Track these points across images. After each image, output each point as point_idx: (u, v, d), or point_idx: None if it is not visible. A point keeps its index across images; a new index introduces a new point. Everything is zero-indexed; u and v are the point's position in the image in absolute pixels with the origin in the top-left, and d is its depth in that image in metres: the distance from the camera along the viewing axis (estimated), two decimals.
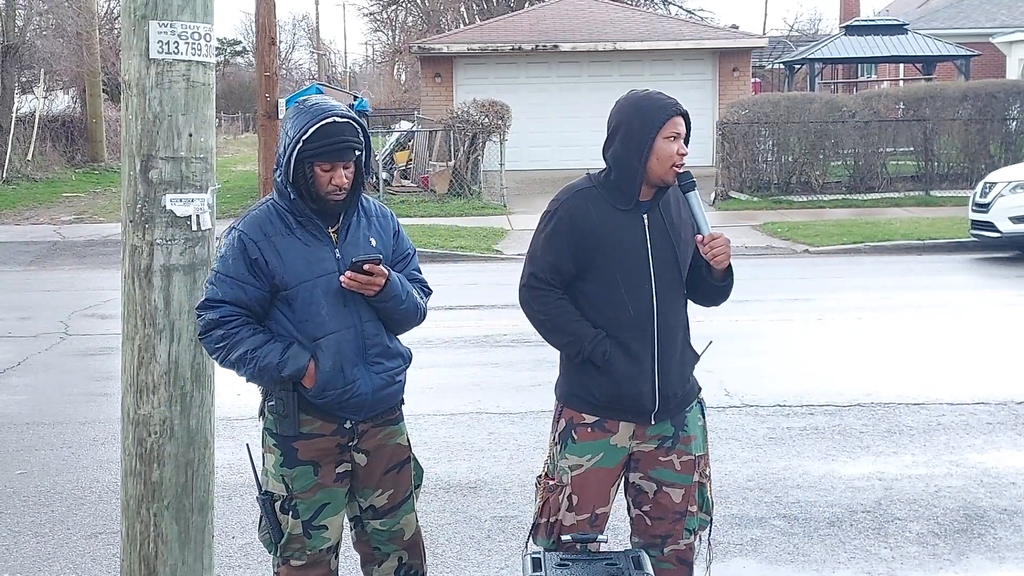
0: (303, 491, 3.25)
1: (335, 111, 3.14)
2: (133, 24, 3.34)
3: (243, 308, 3.18)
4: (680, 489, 3.25)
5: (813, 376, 7.56)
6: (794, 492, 5.34)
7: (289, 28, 69.82)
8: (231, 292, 3.17)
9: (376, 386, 3.25)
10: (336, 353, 3.18)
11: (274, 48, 17.59)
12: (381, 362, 3.27)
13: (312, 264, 3.18)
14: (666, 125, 3.12)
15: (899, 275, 12.16)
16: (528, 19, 26.45)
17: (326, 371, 3.17)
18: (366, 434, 3.31)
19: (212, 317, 3.17)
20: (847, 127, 18.70)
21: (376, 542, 3.43)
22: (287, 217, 3.21)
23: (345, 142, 3.11)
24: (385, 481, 3.36)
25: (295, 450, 3.24)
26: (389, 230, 3.38)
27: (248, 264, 3.16)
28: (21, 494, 5.57)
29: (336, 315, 3.19)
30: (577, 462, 3.22)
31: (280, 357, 3.13)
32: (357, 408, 3.24)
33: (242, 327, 3.17)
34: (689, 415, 3.31)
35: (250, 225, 3.21)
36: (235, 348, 3.15)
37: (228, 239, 3.21)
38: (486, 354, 8.48)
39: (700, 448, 3.31)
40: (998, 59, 27.32)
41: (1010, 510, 5.03)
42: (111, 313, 10.17)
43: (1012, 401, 6.81)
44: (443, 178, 19.36)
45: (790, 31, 47.22)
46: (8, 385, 7.87)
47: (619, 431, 3.21)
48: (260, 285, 3.17)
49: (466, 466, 5.81)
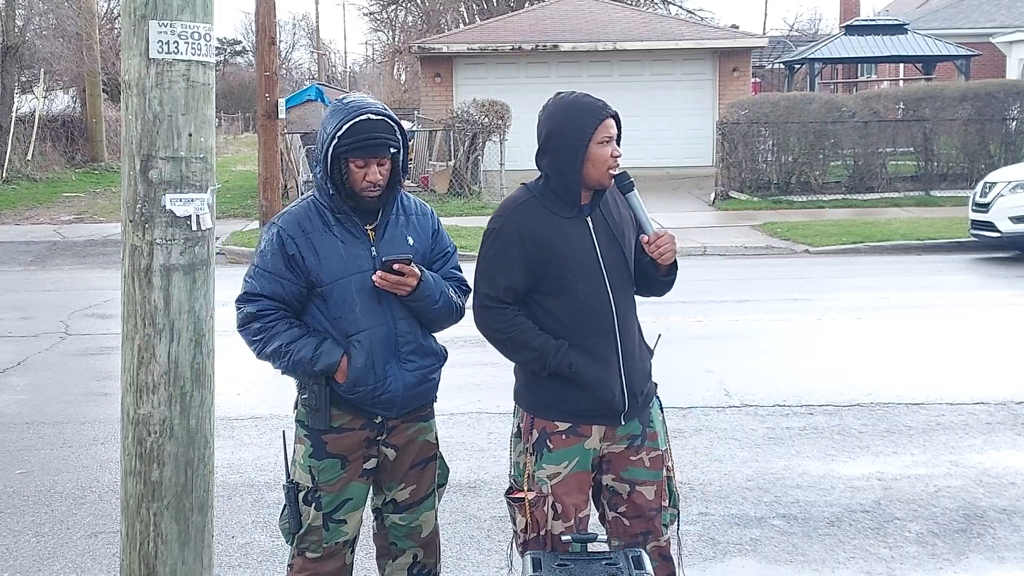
0: (328, 484, 3.31)
1: (370, 108, 3.20)
2: (133, 24, 3.34)
3: (280, 302, 3.27)
4: (652, 486, 3.28)
5: (813, 376, 7.57)
6: (793, 492, 5.35)
7: (289, 28, 69.90)
8: (269, 286, 3.26)
9: (408, 383, 3.30)
10: (369, 350, 3.24)
11: (274, 48, 17.59)
12: (414, 360, 3.32)
13: (347, 262, 3.24)
14: (598, 130, 3.14)
15: (899, 275, 12.16)
16: (528, 19, 26.46)
17: (358, 367, 3.23)
18: (395, 429, 3.36)
19: (250, 311, 3.27)
20: (847, 127, 18.71)
21: (393, 536, 3.48)
22: (326, 214, 3.28)
23: (378, 138, 3.17)
24: (409, 476, 3.41)
25: (324, 443, 3.30)
26: (428, 228, 3.43)
27: (286, 260, 3.25)
28: (21, 493, 5.57)
29: (370, 312, 3.24)
30: (555, 470, 3.22)
31: (313, 352, 3.20)
32: (389, 405, 3.30)
33: (278, 321, 3.26)
34: (652, 411, 3.34)
35: (289, 221, 3.29)
36: (271, 341, 3.24)
37: (268, 235, 3.30)
38: (486, 354, 8.43)
39: (664, 442, 3.34)
40: (998, 59, 27.32)
41: (1009, 510, 5.04)
42: (111, 313, 10.18)
43: (1011, 401, 6.81)
44: (443, 178, 19.37)
45: (790, 31, 47.24)
46: (8, 385, 7.87)
47: (592, 434, 3.24)
48: (297, 281, 3.26)
49: (466, 466, 5.82)
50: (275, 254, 3.26)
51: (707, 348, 8.49)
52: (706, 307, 10.13)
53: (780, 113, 18.74)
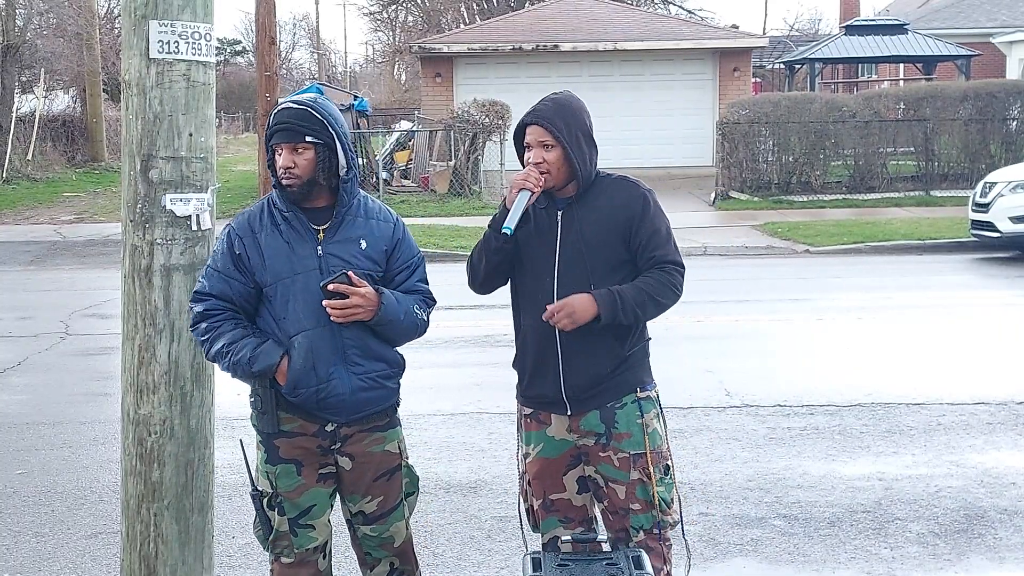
0: (287, 490, 3.28)
1: (296, 99, 3.24)
2: (133, 24, 3.34)
3: (228, 302, 3.24)
4: (622, 486, 3.29)
5: (813, 376, 7.56)
6: (794, 492, 5.34)
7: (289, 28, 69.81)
8: (217, 286, 3.24)
9: (355, 387, 3.23)
10: (308, 351, 3.18)
11: (274, 48, 17.59)
12: (361, 363, 3.25)
13: (292, 261, 3.21)
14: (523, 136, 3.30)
15: (899, 275, 12.16)
16: (528, 19, 26.45)
17: (297, 368, 3.18)
18: (350, 439, 3.30)
19: (199, 310, 3.25)
20: (847, 127, 18.70)
21: (367, 547, 3.46)
22: (275, 214, 3.26)
23: (288, 124, 3.17)
24: (375, 488, 3.36)
25: (277, 448, 3.28)
26: (387, 234, 3.33)
27: (233, 259, 3.23)
28: (21, 494, 5.57)
29: (312, 313, 3.18)
30: (526, 450, 3.44)
31: (252, 352, 3.16)
32: (336, 409, 3.23)
33: (225, 321, 3.22)
34: (620, 411, 3.28)
35: (240, 221, 3.29)
36: (216, 341, 3.20)
37: (222, 234, 3.30)
38: (486, 354, 8.48)
39: (638, 446, 3.27)
40: (998, 59, 27.31)
41: (1010, 510, 5.03)
42: (111, 313, 10.17)
43: (1012, 401, 6.81)
44: (443, 178, 19.36)
45: (790, 31, 47.20)
46: (8, 385, 7.87)
47: (552, 423, 3.34)
48: (244, 280, 3.23)
49: (466, 466, 5.81)
50: (224, 254, 3.25)
51: (707, 348, 8.49)
52: (706, 307, 10.12)
53: (781, 113, 18.73)
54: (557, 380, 3.28)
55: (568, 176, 3.26)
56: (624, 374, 3.31)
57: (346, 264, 3.21)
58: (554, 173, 3.23)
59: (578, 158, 3.23)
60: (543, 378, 3.30)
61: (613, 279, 3.24)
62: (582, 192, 3.28)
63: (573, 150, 3.22)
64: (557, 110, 3.25)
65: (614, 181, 3.34)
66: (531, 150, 3.25)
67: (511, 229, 3.18)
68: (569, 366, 3.26)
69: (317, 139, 3.18)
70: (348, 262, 3.23)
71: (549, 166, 3.22)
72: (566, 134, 3.22)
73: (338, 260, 3.22)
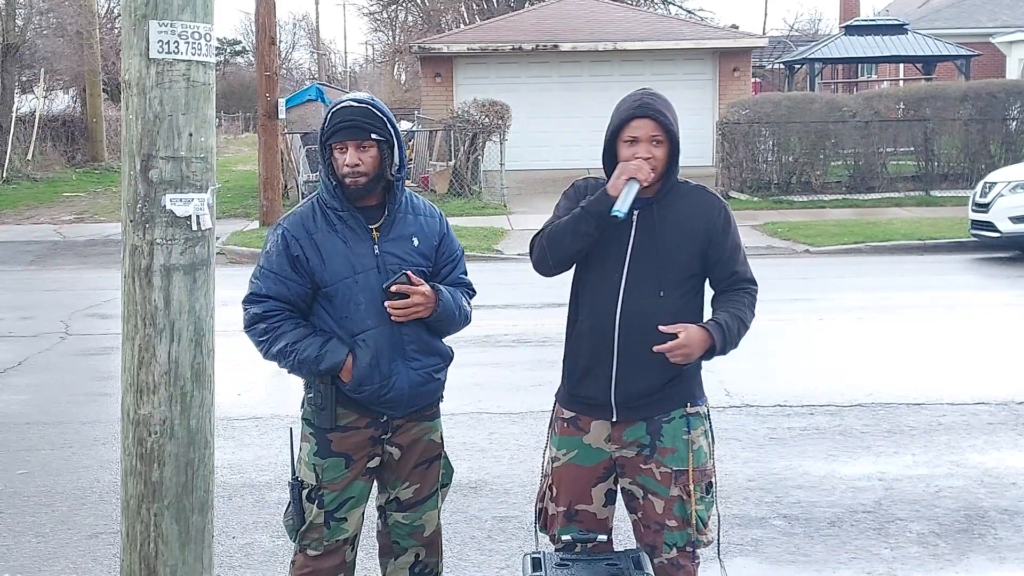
0: (332, 482, 3.33)
1: (354, 97, 3.29)
2: (133, 23, 3.33)
3: (286, 303, 3.30)
4: (661, 500, 3.22)
5: (814, 376, 7.56)
6: (795, 492, 5.34)
7: (289, 28, 69.82)
8: (274, 287, 3.29)
9: (413, 382, 3.31)
10: (374, 349, 3.25)
11: (274, 48, 17.59)
12: (419, 358, 3.33)
13: (352, 261, 3.26)
14: (624, 129, 3.15)
15: (899, 275, 12.16)
16: (528, 19, 26.45)
17: (363, 366, 3.24)
18: (400, 428, 3.37)
19: (256, 311, 3.30)
20: (847, 127, 18.70)
21: (396, 535, 3.49)
22: (329, 214, 3.30)
23: (354, 121, 3.21)
24: (414, 475, 3.42)
25: (329, 442, 3.33)
26: (435, 230, 3.43)
27: (290, 261, 3.28)
28: (22, 494, 5.57)
29: (374, 312, 3.25)
30: (556, 454, 3.32)
31: (318, 351, 3.23)
32: (394, 404, 3.31)
33: (284, 321, 3.28)
34: (667, 425, 3.22)
35: (294, 223, 3.33)
36: (277, 341, 3.27)
37: (273, 236, 3.34)
38: (486, 354, 8.48)
39: (682, 463, 3.20)
40: (998, 59, 27.32)
41: (1011, 510, 5.03)
42: (111, 313, 10.18)
43: (1013, 401, 6.81)
44: (443, 178, 19.37)
45: (790, 31, 47.22)
46: (9, 385, 7.87)
47: (591, 431, 3.24)
48: (302, 281, 3.28)
49: (466, 466, 5.81)
50: (280, 255, 3.29)
51: None
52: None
53: (781, 113, 18.74)
54: (608, 384, 3.19)
55: (660, 176, 3.17)
56: (677, 387, 3.26)
57: (402, 261, 3.29)
58: (658, 170, 3.14)
59: (678, 159, 3.17)
60: (594, 380, 3.21)
61: (683, 288, 3.23)
62: (663, 194, 3.19)
63: (677, 149, 3.16)
64: (667, 106, 3.17)
65: (692, 188, 3.26)
66: (638, 144, 3.11)
67: (623, 213, 3.06)
68: (623, 372, 3.18)
69: (381, 136, 3.23)
70: (404, 260, 3.30)
71: (656, 163, 3.13)
72: (675, 132, 3.15)
73: (394, 258, 3.29)
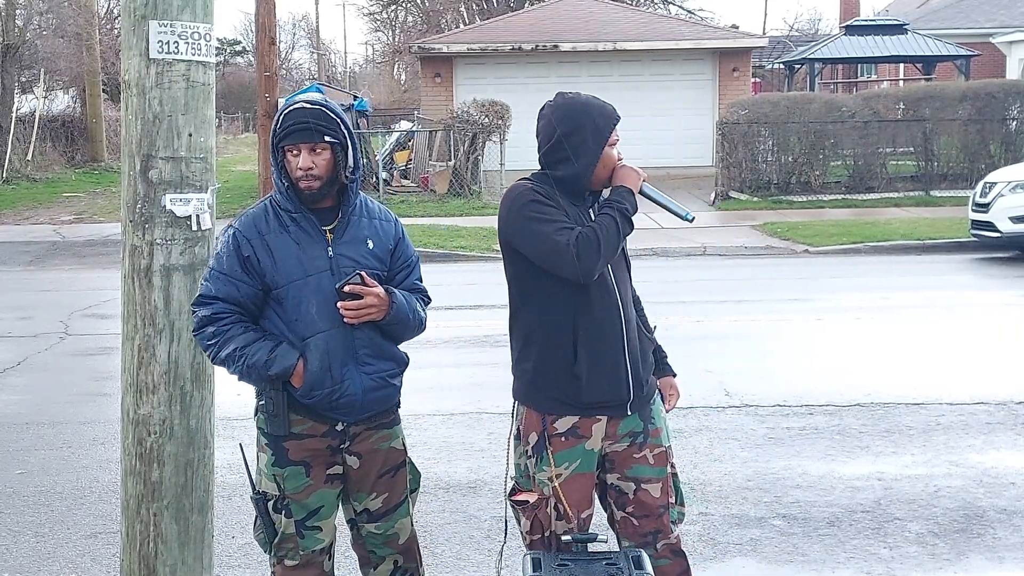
0: (295, 492, 3.25)
1: (306, 99, 3.20)
2: (133, 24, 3.34)
3: (236, 305, 3.20)
4: (657, 483, 3.27)
5: (813, 376, 7.56)
6: (793, 492, 5.35)
7: (289, 28, 69.83)
8: (224, 289, 3.19)
9: (366, 387, 3.23)
10: (324, 352, 3.17)
11: (274, 48, 17.60)
12: (372, 363, 3.25)
13: (303, 263, 3.19)
14: (613, 133, 3.23)
15: (899, 275, 12.16)
16: (528, 19, 26.45)
17: (314, 371, 3.16)
18: (358, 437, 3.30)
19: (205, 314, 3.19)
20: (847, 127, 18.70)
21: (371, 545, 3.44)
22: (282, 215, 3.22)
23: (306, 123, 3.13)
24: (379, 485, 3.36)
25: (286, 450, 3.24)
26: (390, 234, 3.36)
27: (241, 261, 3.18)
28: (21, 494, 5.57)
29: (326, 314, 3.17)
30: (557, 471, 3.20)
31: (268, 355, 3.13)
32: (347, 409, 3.23)
33: (233, 324, 3.18)
34: (654, 407, 3.33)
35: (245, 223, 3.24)
36: (225, 345, 3.16)
37: (224, 236, 3.25)
38: (486, 354, 8.48)
39: (667, 439, 3.34)
40: (998, 59, 27.32)
41: (1009, 510, 5.03)
42: (111, 313, 10.17)
43: (1011, 401, 6.81)
44: (443, 178, 19.36)
45: (790, 31, 47.21)
46: (8, 385, 7.87)
47: (592, 434, 3.21)
48: (252, 283, 3.19)
49: (466, 466, 5.81)
50: (230, 256, 3.19)
51: (707, 348, 8.49)
52: (706, 307, 10.14)
53: (780, 113, 18.73)
54: (626, 381, 3.19)
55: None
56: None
57: (357, 264, 3.22)
58: None
59: None
60: (609, 381, 3.17)
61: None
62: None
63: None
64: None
65: None
66: (614, 147, 3.24)
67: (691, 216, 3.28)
68: (634, 362, 3.22)
69: (334, 138, 3.17)
70: (358, 262, 3.23)
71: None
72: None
73: (348, 261, 3.22)
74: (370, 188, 18.61)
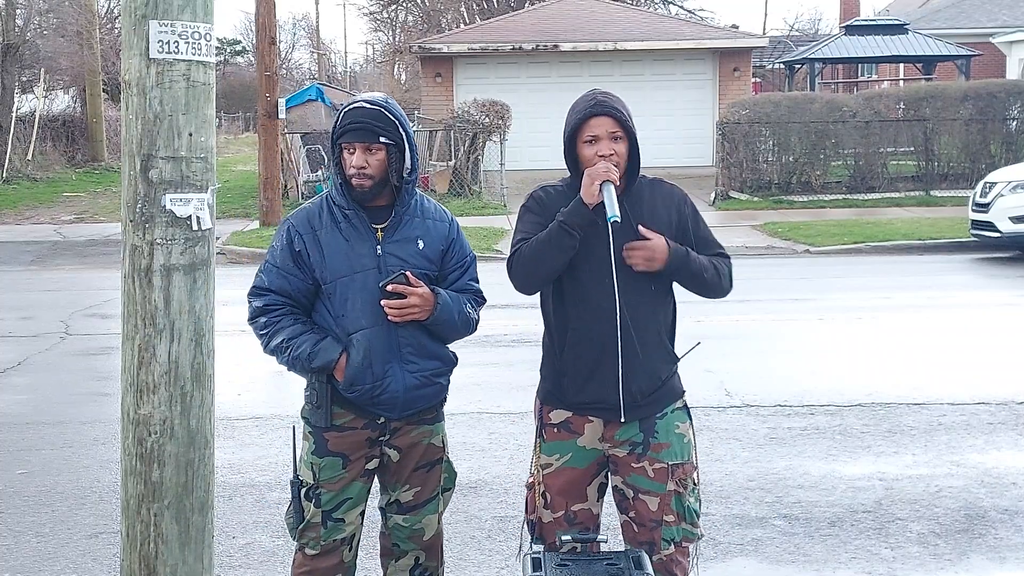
0: (329, 481, 3.32)
1: (366, 99, 3.29)
2: (133, 24, 3.33)
3: (287, 297, 3.31)
4: (655, 497, 3.21)
5: (814, 376, 7.56)
6: (795, 492, 5.34)
7: (289, 28, 69.83)
8: (276, 281, 3.31)
9: (409, 385, 3.29)
10: (367, 349, 3.24)
11: (274, 48, 17.59)
12: (416, 361, 3.30)
13: (351, 260, 3.26)
14: (582, 128, 3.15)
15: (899, 275, 12.16)
16: (528, 19, 26.45)
17: (355, 365, 3.23)
18: (399, 431, 3.36)
19: (259, 304, 3.33)
20: (847, 127, 18.70)
21: (396, 538, 3.48)
22: (336, 212, 3.31)
23: (363, 123, 3.21)
24: (414, 478, 3.41)
25: (326, 441, 3.32)
26: (443, 234, 3.40)
27: (293, 256, 3.29)
28: (22, 494, 5.57)
29: (370, 312, 3.24)
30: (547, 461, 3.28)
31: (312, 348, 3.23)
32: (389, 405, 3.29)
33: (284, 316, 3.30)
34: (661, 421, 3.24)
35: (300, 218, 3.35)
36: (275, 336, 3.28)
37: (280, 230, 3.36)
38: (486, 354, 8.48)
39: (677, 456, 3.23)
40: (998, 59, 27.31)
41: (1011, 510, 5.03)
42: (111, 313, 10.18)
43: (1013, 401, 6.81)
44: (443, 178, 19.36)
45: (790, 31, 47.20)
46: (9, 385, 7.87)
47: (586, 432, 3.23)
48: (303, 276, 3.30)
49: (466, 466, 5.81)
50: (283, 250, 3.31)
51: (707, 348, 8.40)
52: (706, 307, 10.10)
53: (781, 113, 18.73)
54: (616, 386, 3.17)
55: (623, 171, 3.18)
56: (673, 380, 3.32)
57: (404, 263, 3.27)
58: (621, 166, 3.16)
59: (638, 152, 3.19)
60: (600, 384, 3.18)
61: (666, 280, 3.24)
62: (631, 190, 3.21)
63: (636, 143, 3.19)
64: (621, 103, 3.20)
65: (654, 182, 3.32)
66: (598, 142, 3.13)
67: (619, 216, 3.05)
68: (629, 372, 3.17)
69: (390, 140, 3.23)
70: (406, 261, 3.28)
71: (619, 159, 3.15)
72: (632, 126, 3.18)
73: (396, 260, 3.28)
74: None
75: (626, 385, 3.18)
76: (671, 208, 3.26)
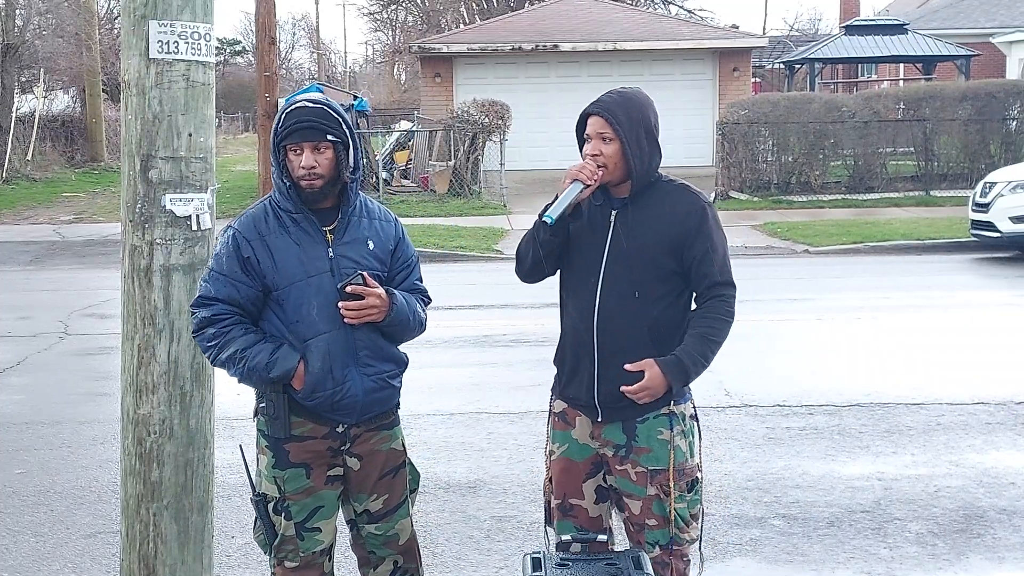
0: (295, 493, 3.25)
1: (309, 97, 3.20)
2: (133, 24, 3.34)
3: (236, 307, 3.18)
4: (637, 501, 3.21)
5: (812, 376, 7.56)
6: (793, 492, 5.34)
7: (289, 28, 69.87)
8: (224, 290, 3.17)
9: (367, 388, 3.22)
10: (326, 354, 3.16)
11: (274, 48, 17.60)
12: (373, 364, 3.24)
13: (304, 264, 3.17)
14: (586, 129, 3.20)
15: (899, 275, 12.16)
16: (528, 19, 26.46)
17: (315, 372, 3.15)
18: (359, 438, 3.29)
19: (205, 315, 3.18)
20: (847, 127, 18.70)
21: (371, 546, 3.43)
22: (282, 216, 3.20)
23: (310, 122, 3.11)
24: (380, 486, 3.35)
25: (287, 452, 3.23)
26: (390, 234, 3.34)
27: (241, 262, 3.16)
28: (20, 493, 5.57)
29: (327, 316, 3.16)
30: (551, 447, 3.37)
31: (269, 358, 3.12)
32: (348, 410, 3.22)
33: (234, 326, 3.17)
34: (642, 425, 3.19)
35: (245, 223, 3.22)
36: (226, 347, 3.15)
37: (224, 237, 3.23)
38: (486, 354, 8.48)
39: (656, 462, 3.18)
40: (998, 59, 27.32)
41: (1009, 510, 5.03)
42: (110, 313, 10.17)
43: (1011, 401, 6.81)
44: (443, 178, 19.36)
45: (790, 31, 47.20)
46: (7, 385, 7.87)
47: (577, 426, 3.29)
48: (252, 284, 3.17)
49: (465, 466, 5.81)
50: (230, 257, 3.16)
51: None
52: None
53: (780, 113, 18.73)
54: (591, 385, 3.19)
55: (625, 174, 3.14)
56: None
57: (357, 265, 3.20)
58: (611, 168, 3.12)
59: (635, 155, 3.11)
60: (579, 381, 3.22)
61: (661, 290, 3.16)
62: (637, 193, 3.16)
63: (631, 146, 3.11)
64: (622, 103, 3.16)
65: (675, 188, 3.21)
66: (590, 142, 3.14)
67: (552, 219, 3.06)
68: (604, 372, 3.17)
69: (336, 138, 3.15)
70: (359, 263, 3.21)
71: (606, 160, 3.11)
72: (626, 128, 3.12)
73: (349, 262, 3.20)
74: (370, 188, 18.61)
75: (600, 385, 3.18)
76: (674, 223, 3.16)
